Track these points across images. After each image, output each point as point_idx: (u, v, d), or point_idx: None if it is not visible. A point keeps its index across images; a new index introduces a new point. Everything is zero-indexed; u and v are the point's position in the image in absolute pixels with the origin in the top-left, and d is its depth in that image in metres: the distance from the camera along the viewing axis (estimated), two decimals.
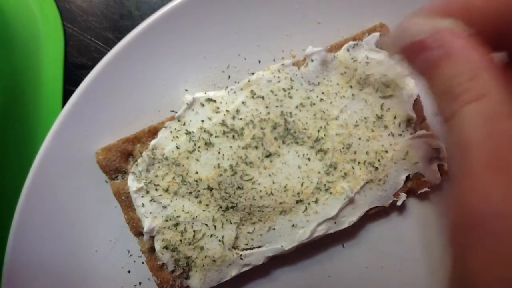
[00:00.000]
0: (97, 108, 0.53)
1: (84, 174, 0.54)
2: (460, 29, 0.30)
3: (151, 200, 0.51)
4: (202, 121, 0.51)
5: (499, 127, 0.26)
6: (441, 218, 0.54)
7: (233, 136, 0.51)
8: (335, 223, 0.51)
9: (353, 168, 0.51)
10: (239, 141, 0.51)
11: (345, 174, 0.51)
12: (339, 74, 0.52)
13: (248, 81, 0.51)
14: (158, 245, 0.51)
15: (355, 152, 0.51)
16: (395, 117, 0.51)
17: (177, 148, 0.51)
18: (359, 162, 0.51)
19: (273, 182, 0.51)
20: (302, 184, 0.51)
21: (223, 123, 0.51)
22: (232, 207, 0.51)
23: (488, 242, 0.24)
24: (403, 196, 0.52)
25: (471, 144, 0.26)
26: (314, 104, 0.51)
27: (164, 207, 0.51)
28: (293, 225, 0.51)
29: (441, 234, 0.55)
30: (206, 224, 0.51)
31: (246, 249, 0.52)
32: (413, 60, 0.32)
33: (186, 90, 0.55)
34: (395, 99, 0.51)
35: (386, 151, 0.51)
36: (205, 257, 0.51)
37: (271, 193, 0.51)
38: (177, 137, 0.51)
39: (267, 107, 0.51)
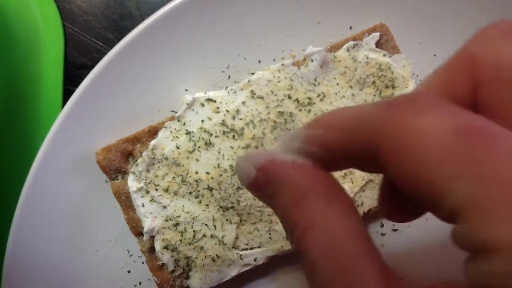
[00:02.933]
0: (97, 108, 0.53)
1: (84, 174, 0.54)
2: (289, 157, 0.26)
3: (151, 200, 0.51)
4: (202, 121, 0.51)
5: (333, 261, 0.23)
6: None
7: (233, 136, 0.51)
8: None
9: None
10: (239, 141, 0.51)
11: (345, 174, 0.51)
12: (339, 74, 0.52)
13: (248, 81, 0.51)
14: (158, 245, 0.51)
15: None
16: None
17: (177, 148, 0.51)
18: None
19: None
20: None
21: (223, 123, 0.51)
22: (232, 207, 0.51)
23: None
24: None
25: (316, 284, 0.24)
26: (314, 104, 0.51)
27: (164, 207, 0.51)
28: None
29: (441, 234, 0.55)
30: (206, 224, 0.51)
31: (246, 249, 0.52)
32: (259, 198, 0.29)
33: (186, 90, 0.55)
34: None
35: None
36: (205, 257, 0.51)
37: None
38: (177, 137, 0.51)
39: (267, 107, 0.51)
